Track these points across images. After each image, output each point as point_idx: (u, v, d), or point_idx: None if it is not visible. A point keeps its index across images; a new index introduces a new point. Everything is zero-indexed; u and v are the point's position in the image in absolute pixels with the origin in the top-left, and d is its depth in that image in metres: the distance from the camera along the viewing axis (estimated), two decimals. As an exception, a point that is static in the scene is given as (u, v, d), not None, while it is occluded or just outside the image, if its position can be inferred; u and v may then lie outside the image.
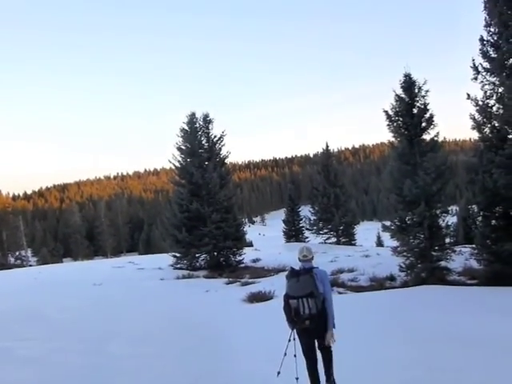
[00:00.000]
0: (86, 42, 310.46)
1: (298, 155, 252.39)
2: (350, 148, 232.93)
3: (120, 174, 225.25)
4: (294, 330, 5.38)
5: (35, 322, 11.22)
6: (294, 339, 5.39)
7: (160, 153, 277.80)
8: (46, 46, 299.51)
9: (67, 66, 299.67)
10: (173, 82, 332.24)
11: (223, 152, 27.71)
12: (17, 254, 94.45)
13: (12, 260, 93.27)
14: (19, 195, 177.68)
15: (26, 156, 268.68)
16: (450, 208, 17.42)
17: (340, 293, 14.67)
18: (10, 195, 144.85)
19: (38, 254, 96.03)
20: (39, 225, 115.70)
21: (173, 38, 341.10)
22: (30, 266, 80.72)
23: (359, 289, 15.85)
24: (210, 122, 27.46)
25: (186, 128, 26.89)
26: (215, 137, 27.41)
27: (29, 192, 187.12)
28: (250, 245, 56.18)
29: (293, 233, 54.07)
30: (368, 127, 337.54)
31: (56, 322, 11.11)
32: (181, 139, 26.91)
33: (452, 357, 6.87)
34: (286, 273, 5.60)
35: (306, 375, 5.33)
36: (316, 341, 5.36)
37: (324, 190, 45.07)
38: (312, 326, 5.15)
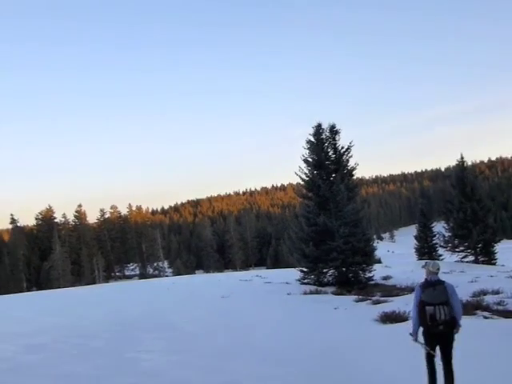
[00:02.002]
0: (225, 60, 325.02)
1: (428, 169, 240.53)
2: (485, 161, 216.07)
3: (248, 190, 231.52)
4: (420, 332, 6.17)
5: (162, 332, 11.28)
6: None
7: (287, 168, 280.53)
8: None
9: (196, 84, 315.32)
10: (300, 97, 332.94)
11: (351, 163, 26.69)
12: (155, 264, 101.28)
13: (150, 270, 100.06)
14: (157, 210, 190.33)
15: (164, 174, 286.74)
16: None
17: (486, 317, 12.97)
18: (150, 210, 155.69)
19: (173, 265, 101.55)
20: (174, 238, 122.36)
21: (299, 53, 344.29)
22: (166, 276, 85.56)
23: (508, 314, 13.94)
24: (336, 132, 26.62)
25: (313, 140, 26.35)
26: (342, 148, 26.50)
27: (166, 207, 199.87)
28: (379, 262, 54.05)
29: (425, 250, 51.11)
30: (507, 139, 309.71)
31: (182, 334, 11.07)
32: (307, 151, 26.42)
33: None
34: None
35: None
36: (440, 350, 6.01)
37: (460, 204, 41.67)
38: (445, 330, 5.92)
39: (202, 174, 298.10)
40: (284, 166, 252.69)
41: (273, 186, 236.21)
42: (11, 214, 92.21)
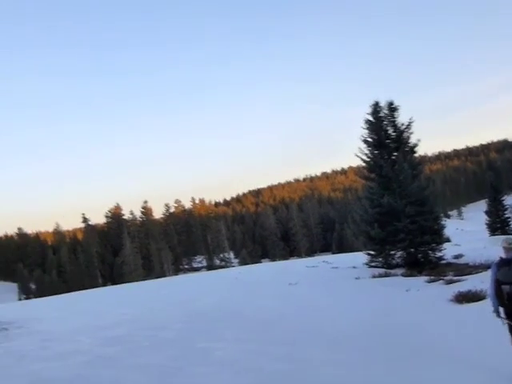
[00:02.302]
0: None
1: (495, 140, 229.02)
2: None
3: (309, 176, 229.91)
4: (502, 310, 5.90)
5: (234, 321, 11.33)
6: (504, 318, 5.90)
7: (347, 152, 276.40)
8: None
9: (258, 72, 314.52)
10: (355, 77, 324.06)
11: (412, 140, 25.81)
12: (221, 255, 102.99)
13: (217, 261, 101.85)
14: (220, 202, 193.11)
15: (224, 166, 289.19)
16: None
17: None
18: (213, 202, 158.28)
19: (238, 255, 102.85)
20: (238, 228, 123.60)
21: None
22: (233, 266, 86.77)
23: None
24: (395, 109, 25.81)
25: (371, 119, 25.71)
26: (402, 125, 25.69)
27: (228, 198, 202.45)
28: (448, 240, 52.38)
29: (497, 225, 49.07)
30: None
31: (253, 322, 11.06)
32: (366, 131, 25.83)
33: None
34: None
35: None
36: None
37: (533, 174, 39.61)
38: None
39: (261, 163, 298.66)
40: (343, 150, 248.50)
41: (333, 170, 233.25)
42: (83, 214, 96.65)
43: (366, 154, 25.98)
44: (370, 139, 25.71)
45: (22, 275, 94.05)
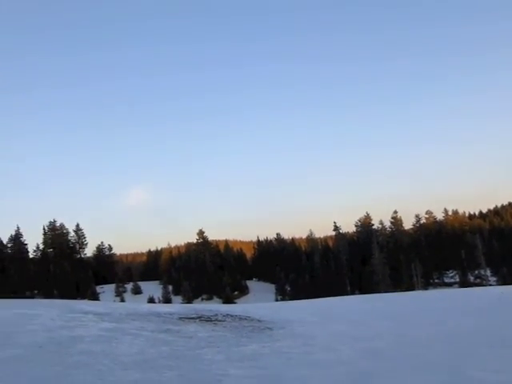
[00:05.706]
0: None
1: None
2: None
3: None
4: None
5: (506, 349, 10.22)
6: None
7: None
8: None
9: None
10: None
11: None
12: (476, 272, 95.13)
13: (471, 278, 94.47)
14: (475, 214, 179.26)
15: (483, 175, 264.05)
16: None
17: None
18: (467, 214, 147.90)
19: (497, 273, 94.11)
20: (497, 244, 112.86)
21: None
22: (490, 285, 79.58)
23: None
24: None
25: None
26: None
27: (484, 211, 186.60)
28: None
29: None
30: None
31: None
32: None
33: None
34: None
35: None
36: None
37: None
38: None
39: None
40: None
41: None
42: (334, 222, 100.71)
43: None
44: None
45: (279, 277, 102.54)
